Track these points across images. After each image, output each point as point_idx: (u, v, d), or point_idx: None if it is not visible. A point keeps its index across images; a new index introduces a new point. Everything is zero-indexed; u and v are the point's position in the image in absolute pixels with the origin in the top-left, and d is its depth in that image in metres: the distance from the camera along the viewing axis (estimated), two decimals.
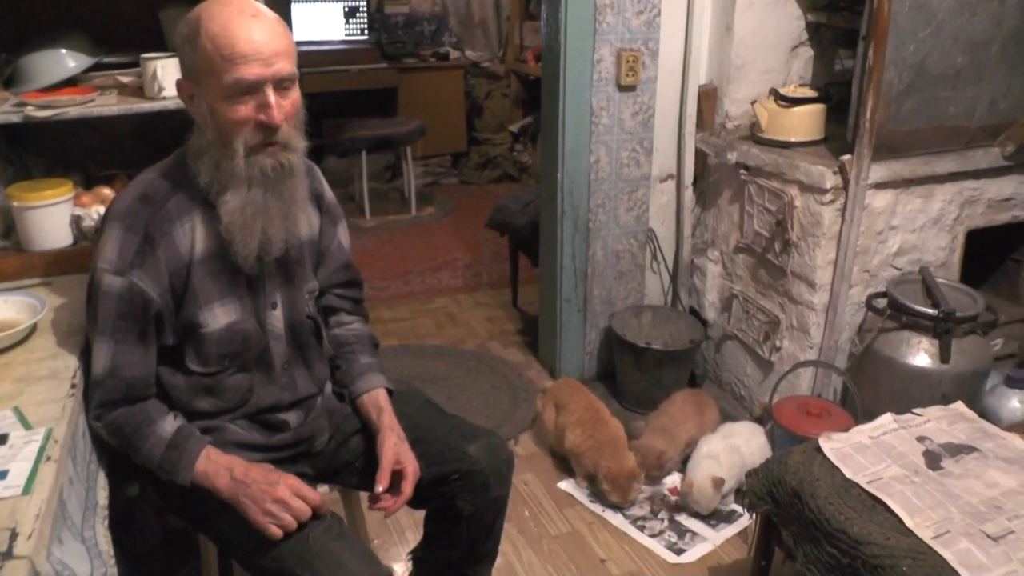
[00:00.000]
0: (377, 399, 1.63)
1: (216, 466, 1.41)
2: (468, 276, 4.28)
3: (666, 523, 2.36)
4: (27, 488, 1.11)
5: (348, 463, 1.67)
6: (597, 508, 2.43)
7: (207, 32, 1.30)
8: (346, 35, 5.84)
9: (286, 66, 1.34)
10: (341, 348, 1.68)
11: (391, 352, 3.38)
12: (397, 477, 1.53)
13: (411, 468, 1.54)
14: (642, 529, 2.34)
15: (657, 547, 2.27)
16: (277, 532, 1.37)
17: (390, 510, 1.52)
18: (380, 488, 1.50)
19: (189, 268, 1.40)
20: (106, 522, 1.32)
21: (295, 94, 1.38)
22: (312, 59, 5.26)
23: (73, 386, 1.39)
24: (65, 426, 1.27)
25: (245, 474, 1.40)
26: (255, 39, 1.30)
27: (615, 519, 2.38)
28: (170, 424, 1.42)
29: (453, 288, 4.13)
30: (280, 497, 1.37)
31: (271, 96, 1.33)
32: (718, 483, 2.30)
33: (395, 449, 1.54)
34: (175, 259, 1.38)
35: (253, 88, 1.32)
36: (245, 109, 1.33)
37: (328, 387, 1.66)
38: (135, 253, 1.34)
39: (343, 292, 1.71)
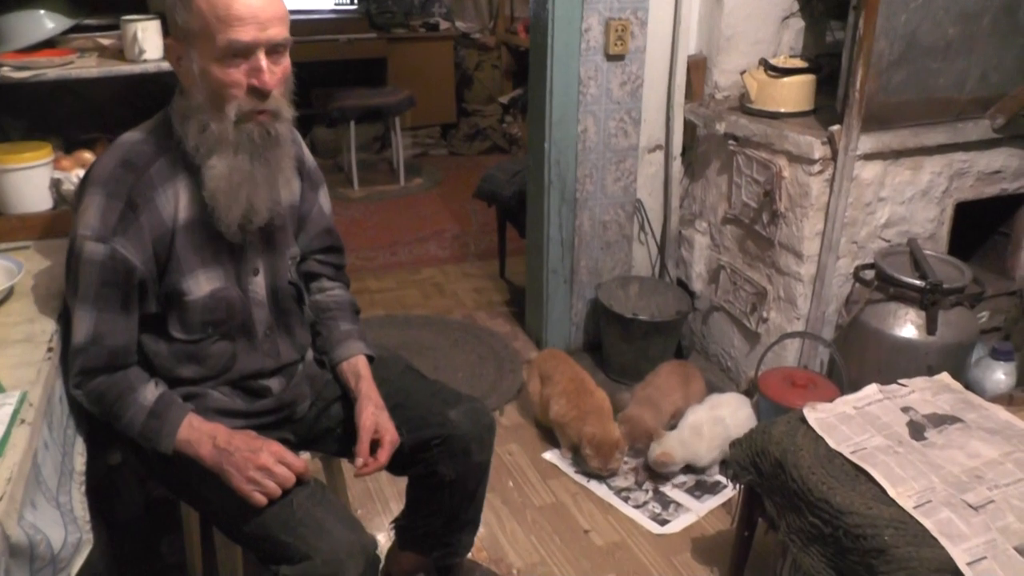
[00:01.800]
0: (356, 366, 1.62)
1: (199, 434, 1.39)
2: (456, 247, 4.26)
3: (650, 494, 2.37)
4: None
5: (329, 429, 1.66)
6: (581, 479, 2.43)
7: None
8: (335, 4, 5.78)
9: (281, 31, 1.33)
10: (322, 314, 1.67)
11: (377, 322, 3.36)
12: (375, 445, 1.53)
13: (388, 437, 1.53)
14: (626, 500, 2.35)
15: (641, 518, 2.28)
16: (261, 499, 1.36)
17: (363, 471, 1.51)
18: (360, 461, 1.50)
19: (172, 235, 1.38)
20: (83, 488, 1.31)
21: (286, 61, 1.37)
22: (301, 28, 5.17)
23: (50, 350, 1.37)
24: (40, 390, 1.26)
25: (228, 442, 1.39)
26: (252, 2, 1.28)
27: (599, 490, 2.39)
28: (151, 392, 1.41)
29: (440, 259, 4.12)
30: (263, 464, 1.36)
31: (263, 61, 1.31)
32: (662, 461, 2.35)
33: (373, 418, 1.54)
34: (158, 226, 1.36)
35: (247, 51, 1.30)
36: (237, 72, 1.31)
37: (309, 353, 1.65)
38: (118, 220, 1.32)
39: (324, 257, 1.69)
